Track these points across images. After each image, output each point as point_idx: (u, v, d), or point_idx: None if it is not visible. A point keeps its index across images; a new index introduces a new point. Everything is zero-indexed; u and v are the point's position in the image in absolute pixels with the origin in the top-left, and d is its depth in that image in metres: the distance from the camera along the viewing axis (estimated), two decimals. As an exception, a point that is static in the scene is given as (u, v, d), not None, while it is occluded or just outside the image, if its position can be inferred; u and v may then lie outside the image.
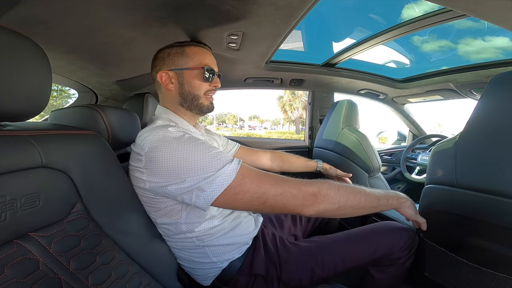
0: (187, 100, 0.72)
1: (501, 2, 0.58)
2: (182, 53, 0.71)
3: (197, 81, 0.71)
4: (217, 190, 0.53)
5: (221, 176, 0.53)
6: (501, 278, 0.64)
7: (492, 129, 0.64)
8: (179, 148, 0.55)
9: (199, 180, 0.53)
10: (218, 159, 0.55)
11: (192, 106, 0.72)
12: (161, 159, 0.55)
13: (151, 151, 0.57)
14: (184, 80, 0.71)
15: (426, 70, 1.58)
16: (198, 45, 0.74)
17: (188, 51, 0.72)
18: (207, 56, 0.74)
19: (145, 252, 0.61)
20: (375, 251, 0.76)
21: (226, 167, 0.54)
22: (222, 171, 0.53)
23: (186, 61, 0.71)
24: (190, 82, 0.71)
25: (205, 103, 0.74)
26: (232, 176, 0.53)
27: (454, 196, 0.71)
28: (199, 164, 0.54)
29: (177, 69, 0.70)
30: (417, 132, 2.11)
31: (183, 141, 0.57)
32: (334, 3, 1.71)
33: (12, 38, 0.40)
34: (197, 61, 0.71)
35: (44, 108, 0.46)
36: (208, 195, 0.53)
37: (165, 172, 0.55)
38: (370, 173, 1.34)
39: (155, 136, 0.58)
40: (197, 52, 0.73)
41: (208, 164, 0.54)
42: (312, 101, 1.97)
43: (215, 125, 38.71)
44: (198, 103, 0.72)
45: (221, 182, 0.53)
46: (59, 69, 1.10)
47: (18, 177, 0.40)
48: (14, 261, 0.37)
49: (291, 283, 0.72)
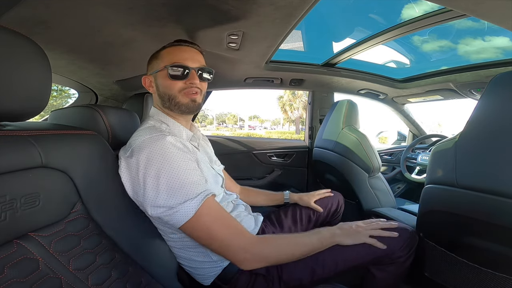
0: (165, 101, 0.72)
1: (501, 2, 0.58)
2: (157, 56, 0.72)
3: (167, 80, 0.69)
4: (178, 223, 0.56)
5: (180, 211, 0.55)
6: (501, 278, 0.64)
7: (492, 129, 0.64)
8: (155, 160, 0.56)
9: (161, 211, 0.55)
10: (186, 190, 0.56)
11: (172, 106, 0.71)
12: (135, 167, 0.57)
13: (130, 155, 0.59)
14: (158, 82, 0.72)
15: (426, 70, 1.58)
16: (175, 44, 0.72)
17: (162, 53, 0.72)
18: (181, 53, 0.71)
19: (145, 252, 0.61)
20: (375, 251, 0.76)
21: (186, 203, 0.55)
22: (182, 207, 0.55)
23: (158, 63, 0.71)
24: (162, 83, 0.71)
25: (183, 101, 0.70)
26: (190, 214, 0.55)
27: (454, 196, 0.71)
28: (166, 189, 0.55)
29: (153, 73, 0.72)
30: (417, 132, 2.11)
31: (163, 154, 0.57)
32: (334, 3, 1.71)
33: (12, 38, 0.40)
34: (167, 61, 0.69)
35: (44, 108, 0.46)
36: (171, 224, 0.57)
37: (135, 182, 0.58)
38: (370, 173, 1.34)
39: (139, 139, 0.61)
40: (171, 52, 0.71)
41: (174, 192, 0.55)
42: (312, 101, 1.97)
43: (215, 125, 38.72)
44: (175, 102, 0.70)
45: (179, 217, 0.55)
46: (59, 69, 1.10)
47: (18, 177, 0.40)
48: (14, 261, 0.37)
49: (292, 282, 0.72)
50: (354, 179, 1.36)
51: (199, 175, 0.61)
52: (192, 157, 0.64)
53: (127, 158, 0.59)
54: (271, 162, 1.98)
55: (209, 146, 0.89)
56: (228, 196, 0.82)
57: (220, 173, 0.83)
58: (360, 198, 1.36)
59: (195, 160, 0.66)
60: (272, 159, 1.98)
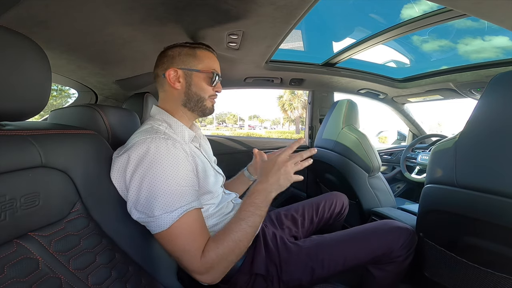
0: (191, 100, 0.72)
1: (501, 2, 0.58)
2: (193, 54, 0.72)
3: (205, 84, 0.72)
4: (152, 231, 0.56)
5: (156, 222, 0.55)
6: (501, 278, 0.64)
7: (492, 128, 0.64)
8: (144, 163, 0.56)
9: (138, 216, 0.56)
10: (167, 201, 0.55)
11: (196, 107, 0.73)
12: (124, 166, 0.57)
13: (122, 155, 0.59)
14: (192, 81, 0.71)
15: (426, 69, 1.58)
16: (207, 49, 0.75)
17: (199, 53, 0.72)
18: (215, 61, 0.75)
19: (145, 251, 0.61)
20: (374, 250, 0.77)
21: (163, 215, 0.54)
22: (159, 218, 0.54)
23: (196, 63, 0.71)
24: (198, 84, 0.71)
25: (208, 106, 0.75)
26: (164, 227, 0.54)
27: (454, 195, 0.71)
28: (146, 195, 0.55)
29: (187, 69, 0.71)
30: (417, 131, 2.11)
31: (152, 158, 0.57)
32: (334, 3, 1.71)
33: (11, 38, 0.40)
34: (207, 65, 0.72)
35: (44, 107, 0.46)
36: (151, 229, 0.57)
37: (122, 181, 0.58)
38: (370, 173, 1.34)
39: (133, 140, 0.60)
40: (207, 56, 0.74)
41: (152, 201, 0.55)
42: (312, 100, 1.97)
43: (215, 124, 38.73)
44: (202, 105, 0.73)
45: (154, 226, 0.55)
46: (59, 68, 1.10)
47: (17, 177, 0.40)
48: (14, 260, 0.37)
49: (291, 282, 0.72)
50: (354, 178, 1.36)
51: (186, 185, 0.59)
52: (187, 162, 0.62)
53: (119, 157, 0.59)
54: None
55: (208, 146, 0.89)
56: (227, 196, 0.82)
57: (221, 172, 0.83)
58: (360, 198, 1.36)
59: (192, 163, 0.65)
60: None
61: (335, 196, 1.09)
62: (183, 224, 0.55)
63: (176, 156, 0.59)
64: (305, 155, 0.67)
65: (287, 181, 0.63)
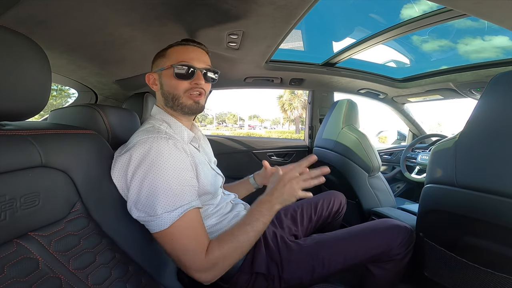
0: (168, 100, 0.71)
1: (501, 2, 0.58)
2: (163, 55, 0.71)
3: (173, 79, 0.68)
4: (152, 230, 0.56)
5: (156, 221, 0.55)
6: (501, 278, 0.64)
7: (492, 128, 0.64)
8: (146, 163, 0.56)
9: (138, 215, 0.56)
10: (168, 200, 0.55)
11: (175, 106, 0.70)
12: (126, 165, 0.57)
13: (123, 154, 0.59)
14: (162, 80, 0.71)
15: (426, 69, 1.58)
16: (182, 43, 0.71)
17: (169, 51, 0.71)
18: (188, 53, 0.70)
19: (145, 251, 0.61)
20: (374, 248, 0.77)
21: (164, 215, 0.54)
22: (159, 217, 0.54)
23: (164, 61, 0.70)
24: (167, 82, 0.70)
25: (187, 103, 0.69)
26: (164, 226, 0.54)
27: (454, 195, 0.71)
28: (146, 194, 0.55)
29: (158, 70, 0.71)
30: (417, 131, 2.11)
31: (154, 158, 0.57)
32: (334, 3, 1.71)
33: (11, 38, 0.40)
34: (174, 60, 0.68)
35: (44, 107, 0.46)
36: (150, 228, 0.57)
37: (123, 180, 0.58)
38: (370, 173, 1.34)
39: (135, 139, 0.60)
40: (178, 50, 0.70)
41: (153, 200, 0.55)
42: (312, 100, 1.97)
43: (215, 124, 38.70)
44: (178, 102, 0.69)
45: (154, 226, 0.55)
46: (58, 68, 1.10)
47: (17, 177, 0.40)
48: (14, 260, 0.37)
49: (292, 281, 0.72)
50: (354, 178, 1.36)
51: (187, 185, 0.59)
52: (188, 162, 0.62)
53: (121, 156, 0.59)
54: (271, 161, 1.97)
55: (208, 146, 0.89)
56: (226, 197, 0.82)
57: (220, 173, 0.83)
58: (360, 198, 1.36)
59: (192, 164, 0.65)
60: (272, 159, 1.98)
61: (332, 195, 1.10)
62: (184, 223, 0.56)
63: (178, 156, 0.59)
64: (303, 165, 0.67)
65: (292, 196, 0.64)
